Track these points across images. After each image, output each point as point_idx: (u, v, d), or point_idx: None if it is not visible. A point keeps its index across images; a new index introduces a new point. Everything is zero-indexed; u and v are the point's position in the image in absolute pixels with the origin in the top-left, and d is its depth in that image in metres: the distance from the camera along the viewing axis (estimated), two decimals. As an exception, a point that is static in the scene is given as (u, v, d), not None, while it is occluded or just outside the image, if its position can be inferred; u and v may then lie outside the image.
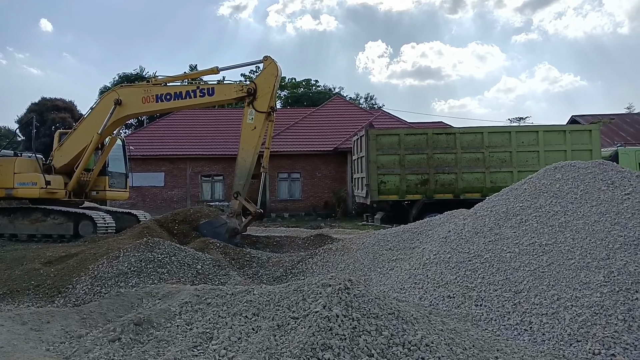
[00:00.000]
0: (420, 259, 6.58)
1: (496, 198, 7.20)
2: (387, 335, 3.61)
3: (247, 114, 11.20)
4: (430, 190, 14.23)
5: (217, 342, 3.89)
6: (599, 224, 5.64)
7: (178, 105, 12.46)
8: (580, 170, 6.82)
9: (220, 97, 11.88)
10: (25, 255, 8.92)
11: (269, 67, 11.32)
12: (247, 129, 11.21)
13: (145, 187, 26.24)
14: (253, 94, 11.17)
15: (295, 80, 57.27)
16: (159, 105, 12.27)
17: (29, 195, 13.35)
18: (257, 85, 11.23)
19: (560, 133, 14.56)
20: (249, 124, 11.17)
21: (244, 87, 11.35)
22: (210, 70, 12.17)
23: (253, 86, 11.25)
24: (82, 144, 13.20)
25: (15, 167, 13.35)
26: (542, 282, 5.10)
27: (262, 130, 11.27)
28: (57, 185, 13.47)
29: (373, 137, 14.28)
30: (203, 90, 11.82)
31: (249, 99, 11.24)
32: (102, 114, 12.74)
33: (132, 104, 12.45)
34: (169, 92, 12.11)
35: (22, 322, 4.62)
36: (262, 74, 11.53)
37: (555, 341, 4.36)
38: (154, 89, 12.24)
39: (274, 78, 11.22)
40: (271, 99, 11.19)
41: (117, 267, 7.03)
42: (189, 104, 12.42)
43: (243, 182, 11.14)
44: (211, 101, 12.18)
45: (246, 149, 11.19)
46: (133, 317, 4.48)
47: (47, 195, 13.31)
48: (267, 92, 11.14)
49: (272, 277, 8.25)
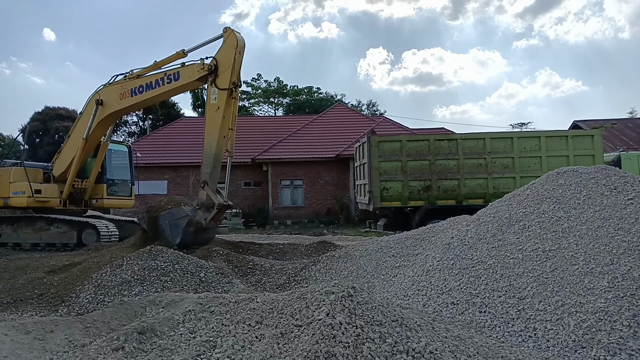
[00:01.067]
0: (423, 265, 6.56)
1: (499, 204, 7.19)
2: (390, 342, 3.60)
3: (210, 94, 10.37)
4: (433, 196, 14.22)
5: (221, 351, 3.88)
6: (603, 230, 5.63)
7: (150, 96, 11.79)
8: (583, 175, 6.81)
9: (185, 79, 11.00)
10: (28, 264, 8.95)
11: (228, 39, 10.39)
12: (211, 110, 10.39)
13: (148, 195, 26.26)
14: (215, 71, 10.31)
15: (297, 88, 57.48)
16: (135, 99, 11.84)
17: (19, 204, 13.44)
18: (218, 61, 10.35)
19: (562, 138, 14.56)
20: (212, 104, 10.34)
21: (204, 65, 10.49)
22: (177, 55, 11.38)
23: (214, 62, 10.37)
24: (74, 151, 13.17)
25: (11, 176, 13.43)
26: (546, 288, 5.08)
27: (227, 110, 10.31)
28: (49, 193, 13.46)
29: (375, 144, 14.30)
30: (170, 76, 11.20)
31: (211, 77, 10.38)
32: (88, 118, 12.64)
33: (111, 102, 12.22)
34: (142, 84, 11.69)
35: (25, 332, 4.62)
36: (222, 48, 10.49)
37: (560, 347, 4.34)
38: (129, 83, 11.91)
39: (233, 50, 10.26)
40: (232, 74, 10.19)
41: (120, 276, 7.04)
42: (159, 93, 11.71)
43: (209, 169, 10.34)
44: (178, 86, 11.31)
45: (211, 133, 10.38)
46: (136, 325, 4.48)
47: (36, 204, 13.35)
48: (228, 66, 10.20)
49: (275, 284, 8.24)
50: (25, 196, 13.08)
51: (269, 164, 25.68)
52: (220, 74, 10.25)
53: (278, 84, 57.95)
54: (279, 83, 58.10)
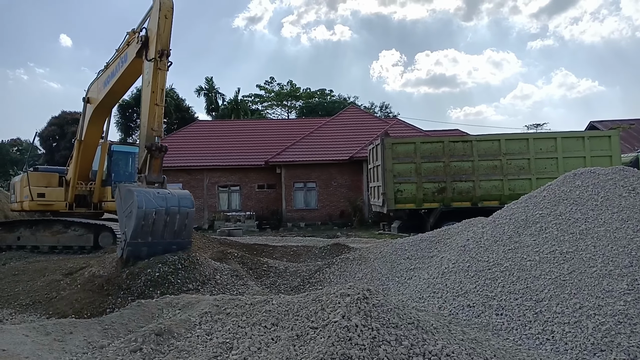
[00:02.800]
0: (439, 268, 6.53)
1: (515, 206, 7.13)
2: (407, 345, 3.59)
3: (143, 71, 9.23)
4: (448, 198, 14.14)
5: (237, 352, 3.91)
6: (621, 231, 5.56)
7: (114, 83, 11.12)
8: (600, 176, 6.73)
9: (131, 56, 9.98)
10: (46, 267, 9.08)
11: (154, 3, 9.18)
12: (144, 86, 9.20)
13: (163, 198, 26.48)
14: (146, 42, 9.25)
15: (310, 91, 57.65)
16: (106, 89, 11.50)
17: (24, 208, 13.90)
18: (148, 31, 9.27)
19: (579, 139, 14.40)
20: (145, 79, 9.17)
21: (138, 39, 9.43)
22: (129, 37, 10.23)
23: (145, 34, 9.30)
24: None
25: (23, 182, 13.84)
26: (564, 290, 5.03)
27: (154, 83, 8.96)
28: (53, 197, 13.71)
29: (389, 146, 14.27)
30: (123, 58, 10.49)
31: (144, 51, 9.32)
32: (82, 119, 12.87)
33: (94, 97, 12.26)
34: (109, 73, 11.42)
35: (45, 333, 4.69)
36: (151, 16, 9.32)
37: (579, 351, 4.29)
38: (103, 76, 11.80)
39: (157, 13, 9.05)
40: (159, 40, 8.92)
41: (137, 278, 7.10)
42: (117, 78, 10.96)
43: (142, 153, 8.82)
44: (128, 66, 10.31)
45: (143, 112, 9.11)
46: (154, 327, 4.53)
47: (38, 208, 13.68)
48: (155, 32, 8.95)
49: (289, 286, 8.26)
50: (28, 200, 13.44)
51: (282, 166, 25.74)
52: (150, 44, 9.14)
53: (291, 87, 58.18)
54: (292, 86, 58.31)
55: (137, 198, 7.70)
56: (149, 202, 7.83)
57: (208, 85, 49.99)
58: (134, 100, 41.44)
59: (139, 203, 7.66)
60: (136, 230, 7.66)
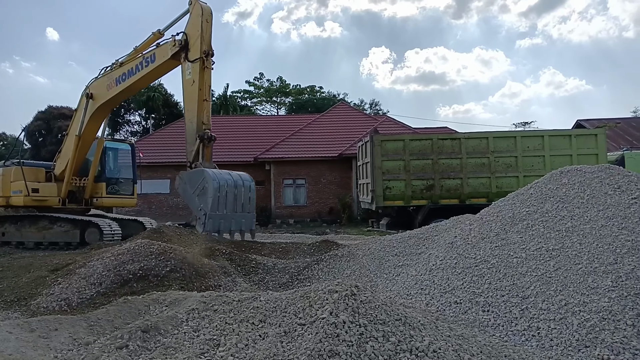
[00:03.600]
0: (426, 264, 6.56)
1: (502, 203, 7.18)
2: (394, 341, 3.60)
3: (185, 70, 10.19)
4: (436, 195, 14.20)
5: (224, 349, 3.90)
6: (606, 229, 5.62)
7: (133, 82, 11.69)
8: (587, 174, 6.80)
9: (160, 59, 10.88)
10: (32, 263, 8.97)
11: (194, 9, 10.22)
12: (187, 85, 10.23)
13: (151, 194, 26.32)
14: (186, 45, 10.15)
15: (299, 87, 57.54)
16: (120, 87, 11.81)
17: (16, 203, 13.55)
18: (188, 34, 10.17)
19: (565, 137, 14.51)
20: (187, 80, 10.13)
21: (175, 42, 10.32)
22: (154, 36, 11.26)
23: (184, 37, 10.20)
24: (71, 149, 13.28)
25: (11, 176, 13.51)
26: (550, 287, 5.08)
27: (201, 82, 9.99)
28: (47, 192, 13.52)
29: (378, 143, 14.28)
30: (147, 58, 11.14)
31: (183, 53, 10.21)
32: (81, 114, 12.73)
33: (100, 94, 12.28)
34: (124, 71, 11.67)
35: (30, 330, 4.64)
36: (190, 20, 10.31)
37: (564, 347, 4.33)
38: (114, 73, 11.93)
39: (199, 19, 10.08)
40: (202, 43, 9.96)
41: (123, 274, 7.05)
42: (139, 77, 11.57)
43: (192, 147, 9.85)
44: (155, 67, 11.14)
45: (189, 109, 10.02)
46: (140, 324, 4.50)
47: (33, 203, 13.41)
48: (197, 36, 10.04)
49: (278, 283, 8.25)
50: (22, 195, 13.18)
51: (271, 163, 25.70)
52: (190, 46, 10.01)
53: (281, 83, 58.02)
54: (282, 82, 58.17)
55: (207, 174, 8.49)
56: (219, 176, 8.68)
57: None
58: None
59: (212, 176, 8.44)
60: (214, 202, 8.39)
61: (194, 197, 8.74)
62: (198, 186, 8.65)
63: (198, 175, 8.86)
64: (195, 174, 8.91)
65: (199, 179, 8.72)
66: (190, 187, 8.86)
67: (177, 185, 9.59)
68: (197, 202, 8.66)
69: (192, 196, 8.80)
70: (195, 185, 8.74)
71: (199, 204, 8.61)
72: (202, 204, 8.52)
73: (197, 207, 8.69)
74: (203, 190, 8.50)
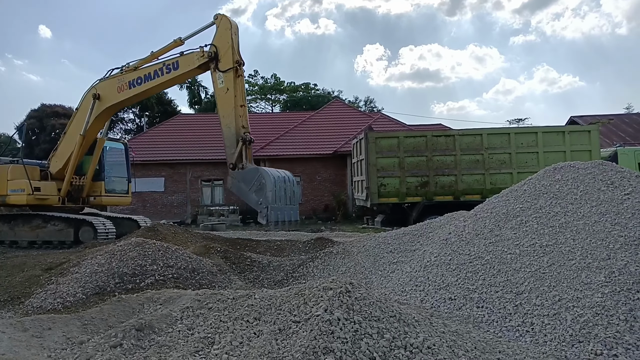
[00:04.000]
0: (421, 261, 6.58)
1: (496, 200, 7.20)
2: (388, 338, 3.61)
3: (216, 80, 10.71)
4: (430, 192, 14.22)
5: (219, 347, 3.89)
6: (599, 225, 5.65)
7: (150, 87, 11.96)
8: (580, 170, 6.82)
9: (184, 68, 11.32)
10: (25, 262, 8.93)
11: (222, 23, 10.84)
12: (221, 94, 10.69)
13: (145, 193, 26.25)
14: (215, 57, 10.68)
15: (294, 84, 57.43)
16: (133, 91, 11.97)
17: (18, 202, 13.33)
18: (217, 46, 10.74)
19: (559, 134, 14.55)
20: (220, 88, 10.65)
21: (204, 53, 10.83)
22: (175, 43, 11.68)
23: (214, 49, 10.72)
24: (71, 148, 13.16)
25: (8, 174, 13.35)
26: (543, 283, 5.10)
27: (236, 89, 10.64)
28: (48, 191, 13.41)
29: (372, 140, 14.28)
30: (169, 65, 11.44)
31: (212, 63, 10.74)
32: (85, 113, 12.65)
33: (109, 96, 12.29)
34: (140, 75, 11.84)
35: (23, 329, 4.61)
36: (218, 33, 10.89)
37: (557, 342, 4.35)
38: (127, 76, 12.01)
39: (229, 32, 10.71)
40: (234, 53, 10.66)
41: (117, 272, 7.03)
42: (159, 83, 11.89)
43: (233, 150, 10.42)
44: (178, 75, 11.57)
45: (226, 115, 10.63)
46: (134, 322, 4.48)
47: (35, 202, 13.26)
48: (228, 47, 10.67)
49: (273, 281, 8.25)
50: (25, 194, 13.02)
51: (266, 160, 25.65)
52: (221, 57, 10.61)
53: (275, 81, 57.87)
54: (276, 79, 58.02)
55: (264, 171, 9.60)
56: (273, 172, 9.61)
57: (191, 78, 49.51)
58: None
59: (268, 173, 9.46)
60: (273, 195, 9.26)
61: (250, 193, 9.66)
62: (254, 183, 9.54)
63: (253, 173, 9.81)
64: (249, 172, 9.86)
65: (254, 176, 9.66)
66: (245, 184, 9.78)
67: (231, 184, 10.42)
68: (254, 197, 9.59)
69: (248, 193, 9.73)
70: (250, 182, 9.65)
71: (257, 199, 9.52)
72: (262, 199, 9.41)
73: (257, 202, 9.58)
74: (260, 186, 9.40)
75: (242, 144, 10.24)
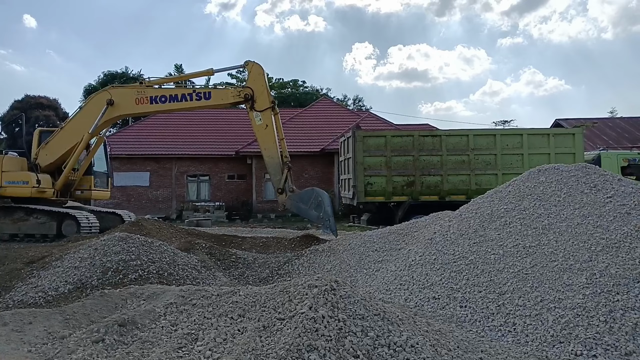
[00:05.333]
0: (406, 260, 6.61)
1: (481, 200, 7.26)
2: (372, 336, 3.62)
3: (254, 118, 11.92)
4: (416, 192, 14.30)
5: (203, 344, 3.87)
6: (582, 227, 5.73)
7: (172, 108, 12.75)
8: (564, 173, 6.91)
9: (217, 101, 12.36)
10: (7, 255, 8.79)
11: (254, 68, 12.04)
12: (260, 130, 11.87)
13: (130, 187, 26.02)
14: (251, 98, 11.79)
15: (282, 81, 57.22)
16: (153, 107, 12.50)
17: (20, 194, 13.19)
18: (252, 89, 11.86)
19: (544, 136, 14.72)
20: (260, 125, 11.85)
21: (240, 93, 11.93)
22: (206, 72, 12.74)
23: (250, 91, 11.81)
24: (69, 143, 13.14)
25: (2, 165, 13.18)
26: (526, 283, 5.16)
27: (277, 124, 12.05)
28: (46, 184, 13.34)
29: (360, 139, 14.32)
30: (199, 94, 12.28)
31: (248, 104, 11.89)
32: (92, 114, 12.72)
33: (124, 104, 12.57)
34: (164, 94, 12.40)
35: (3, 323, 4.55)
36: (251, 77, 12.08)
37: (539, 342, 4.41)
38: (148, 90, 12.41)
39: (262, 76, 12.01)
40: (269, 95, 11.95)
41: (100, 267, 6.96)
42: (184, 107, 12.82)
43: (279, 176, 11.80)
44: (207, 105, 12.58)
45: (268, 147, 11.87)
46: (117, 318, 4.44)
47: (37, 195, 13.19)
48: (262, 90, 11.87)
49: (258, 278, 8.24)
50: (30, 186, 12.93)
51: (253, 157, 25.56)
52: (257, 98, 11.85)
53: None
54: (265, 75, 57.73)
55: (318, 191, 11.49)
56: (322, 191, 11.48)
57: (178, 72, 49.10)
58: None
59: (322, 192, 11.45)
60: (330, 209, 11.06)
61: (310, 210, 11.33)
62: (312, 201, 11.26)
63: (309, 193, 11.58)
64: (305, 193, 11.69)
65: (310, 196, 11.42)
66: (303, 204, 11.49)
67: (290, 206, 11.82)
68: (314, 213, 11.25)
69: (307, 210, 11.42)
70: (308, 201, 11.37)
71: (317, 214, 11.19)
72: (322, 213, 11.05)
73: (317, 217, 11.25)
74: (318, 203, 11.12)
75: (287, 171, 11.75)
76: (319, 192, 11.46)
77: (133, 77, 45.94)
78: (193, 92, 12.33)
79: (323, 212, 11.06)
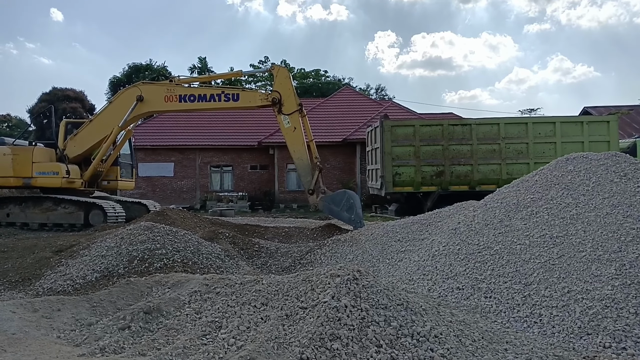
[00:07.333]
0: (429, 250, 6.55)
1: (507, 190, 7.14)
2: (395, 326, 3.60)
3: (282, 121, 12.13)
4: (446, 182, 14.11)
5: (226, 331, 3.91)
6: (611, 217, 5.58)
7: (200, 107, 13.01)
8: (593, 162, 6.74)
9: (245, 103, 12.56)
10: (36, 244, 9.02)
11: (280, 72, 12.40)
12: (289, 132, 12.06)
13: (155, 177, 26.39)
14: (279, 102, 11.96)
15: (304, 71, 57.10)
16: (182, 105, 12.74)
17: (51, 185, 13.50)
18: (279, 92, 12.06)
19: (577, 124, 14.34)
20: (288, 128, 12.05)
21: (268, 96, 12.13)
22: (236, 74, 13.73)
23: (277, 95, 12.00)
24: (98, 136, 13.47)
25: (33, 156, 13.51)
26: (553, 274, 5.06)
27: (306, 126, 12.30)
28: (75, 175, 13.68)
29: (388, 129, 14.16)
30: (228, 95, 12.48)
31: (276, 107, 12.01)
32: (121, 108, 13.03)
33: (154, 101, 12.82)
34: (193, 93, 12.65)
35: (33, 310, 4.67)
36: (278, 81, 12.30)
37: (566, 334, 4.33)
38: (178, 89, 12.66)
39: (288, 80, 12.31)
40: (295, 97, 12.11)
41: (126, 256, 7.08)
42: (213, 107, 13.09)
43: (310, 178, 12.05)
44: (235, 106, 12.86)
45: (298, 149, 12.05)
46: (143, 305, 4.52)
47: (67, 185, 13.53)
48: (289, 93, 12.07)
49: (280, 267, 8.28)
50: (60, 177, 13.25)
51: (275, 147, 25.62)
52: (284, 102, 12.02)
53: (285, 67, 57.50)
54: (286, 66, 57.71)
55: (350, 193, 12.00)
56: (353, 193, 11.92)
57: (201, 64, 49.40)
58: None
59: (354, 193, 11.96)
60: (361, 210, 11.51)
61: (342, 212, 11.61)
62: (344, 203, 11.56)
63: (341, 195, 11.94)
64: (337, 195, 12.06)
65: (343, 197, 11.75)
66: (335, 205, 11.77)
67: (322, 207, 12.16)
68: (346, 215, 11.51)
69: (339, 211, 11.68)
70: (340, 203, 11.66)
71: (349, 216, 11.46)
72: (353, 215, 11.36)
73: (349, 218, 11.47)
74: (350, 205, 11.45)
75: (318, 172, 12.01)
76: (351, 194, 11.80)
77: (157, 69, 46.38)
78: (222, 93, 12.49)
79: (355, 215, 11.35)
